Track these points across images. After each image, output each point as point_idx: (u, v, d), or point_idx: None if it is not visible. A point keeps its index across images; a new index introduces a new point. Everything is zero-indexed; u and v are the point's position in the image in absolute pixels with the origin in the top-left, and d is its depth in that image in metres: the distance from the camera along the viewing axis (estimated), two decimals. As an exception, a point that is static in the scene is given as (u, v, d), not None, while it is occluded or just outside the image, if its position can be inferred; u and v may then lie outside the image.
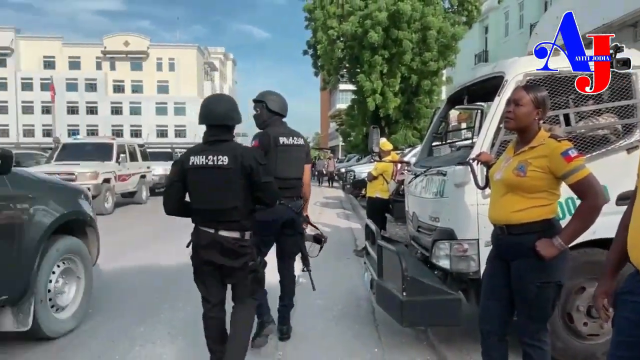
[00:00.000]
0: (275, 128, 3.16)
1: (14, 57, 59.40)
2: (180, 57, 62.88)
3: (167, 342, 3.24)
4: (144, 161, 13.55)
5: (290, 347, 3.19)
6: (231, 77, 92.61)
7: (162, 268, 5.36)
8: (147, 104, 61.19)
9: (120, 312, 3.88)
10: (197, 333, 3.33)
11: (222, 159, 2.40)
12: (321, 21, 21.82)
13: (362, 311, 3.95)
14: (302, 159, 3.23)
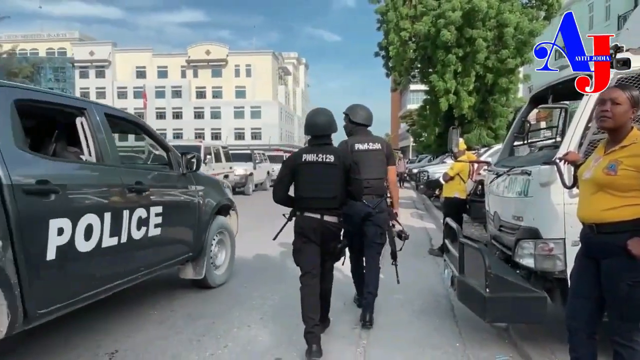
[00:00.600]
0: (357, 137, 3.64)
1: (111, 69, 65.58)
2: (257, 63, 65.54)
3: (260, 326, 3.56)
4: (227, 162, 14.42)
5: (373, 336, 3.37)
6: (303, 81, 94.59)
7: (249, 261, 5.77)
8: (226, 108, 64.52)
9: (218, 297, 4.29)
10: (286, 319, 3.66)
11: (329, 157, 3.01)
12: (394, 23, 21.74)
13: (441, 307, 4.03)
14: (379, 162, 3.59)
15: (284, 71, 76.21)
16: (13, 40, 61.58)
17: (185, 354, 3.04)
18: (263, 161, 19.75)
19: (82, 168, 3.10)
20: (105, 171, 3.15)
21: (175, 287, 4.50)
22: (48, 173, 2.60)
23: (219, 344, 3.19)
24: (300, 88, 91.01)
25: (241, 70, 66.22)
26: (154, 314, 3.76)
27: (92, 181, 3.00)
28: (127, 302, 4.01)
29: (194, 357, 2.98)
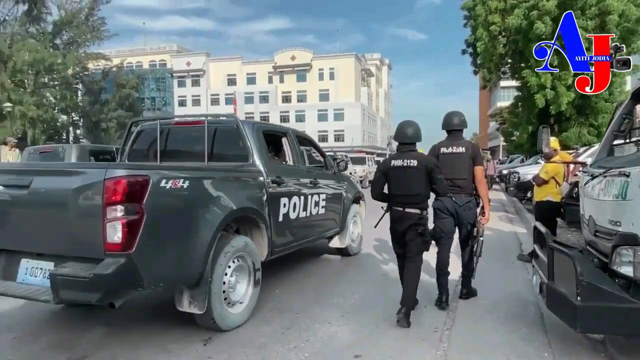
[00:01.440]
0: (444, 141, 4.16)
1: (205, 78, 70.35)
2: (340, 66, 66.34)
3: (341, 323, 3.67)
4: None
5: (455, 340, 3.32)
6: (386, 82, 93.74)
7: (331, 259, 5.93)
8: (310, 112, 66.10)
9: (299, 291, 4.49)
10: (366, 318, 3.74)
11: (413, 162, 3.67)
12: (482, 17, 20.85)
13: (529, 315, 3.85)
14: (463, 163, 4.00)
15: (367, 73, 76.17)
16: (121, 55, 68.68)
17: (271, 344, 3.24)
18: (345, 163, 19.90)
19: (289, 169, 4.76)
20: (299, 171, 4.88)
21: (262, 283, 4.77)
22: (278, 172, 4.33)
23: (301, 338, 3.36)
24: (383, 89, 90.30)
25: (325, 73, 67.45)
26: (243, 306, 4.03)
27: (294, 177, 4.68)
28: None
29: (279, 348, 3.17)
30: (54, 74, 49.83)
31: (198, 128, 4.45)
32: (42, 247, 2.93)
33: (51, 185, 2.89)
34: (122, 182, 2.64)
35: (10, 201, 2.97)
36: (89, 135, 60.46)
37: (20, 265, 2.93)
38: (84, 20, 54.07)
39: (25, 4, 48.30)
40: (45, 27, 52.01)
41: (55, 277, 2.60)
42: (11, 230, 3.01)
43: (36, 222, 2.92)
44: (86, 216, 2.71)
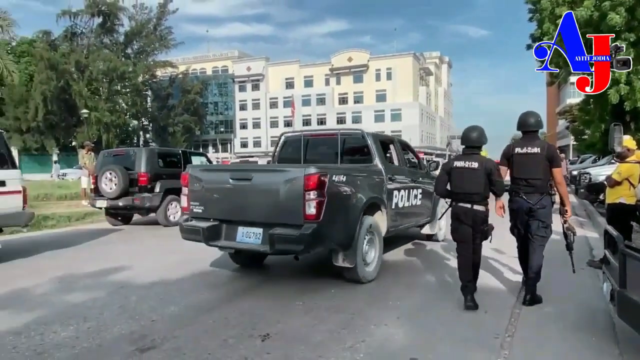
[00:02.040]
0: (519, 141, 4.31)
1: (264, 82, 72.18)
2: (397, 66, 65.48)
3: (397, 325, 3.65)
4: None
5: (517, 348, 3.20)
6: (446, 80, 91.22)
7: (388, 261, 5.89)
8: (367, 113, 65.77)
9: (355, 292, 4.52)
10: (422, 321, 3.70)
11: (474, 164, 4.02)
12: (548, 10, 19.78)
13: (598, 323, 3.62)
14: (537, 163, 4.07)
15: (426, 72, 74.56)
16: (186, 62, 72.07)
17: (327, 343, 3.29)
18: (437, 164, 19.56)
19: (397, 169, 6.05)
20: (403, 170, 6.18)
21: (318, 283, 4.85)
22: (391, 171, 5.66)
23: (357, 338, 3.38)
24: (442, 88, 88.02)
25: (382, 74, 66.86)
26: (300, 305, 4.12)
27: (401, 175, 5.99)
28: (276, 293, 4.48)
29: (335, 347, 3.21)
30: (125, 81, 53.24)
31: (331, 138, 6.18)
32: (255, 219, 4.54)
33: (268, 179, 4.54)
34: (314, 177, 4.16)
35: (237, 189, 4.64)
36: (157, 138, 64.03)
37: (237, 231, 4.64)
38: (152, 30, 57.35)
39: (100, 17, 52.04)
40: (118, 37, 55.67)
41: (273, 235, 4.20)
42: (234, 208, 4.66)
43: (253, 202, 4.51)
44: (292, 198, 4.24)
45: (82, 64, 48.19)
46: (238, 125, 74.37)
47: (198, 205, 4.85)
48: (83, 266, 5.70)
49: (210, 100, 75.29)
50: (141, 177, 9.41)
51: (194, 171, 5.01)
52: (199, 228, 4.68)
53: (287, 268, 5.56)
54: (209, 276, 5.09)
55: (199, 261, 5.89)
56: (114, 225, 10.24)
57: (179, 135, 60.54)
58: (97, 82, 49.81)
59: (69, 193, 14.23)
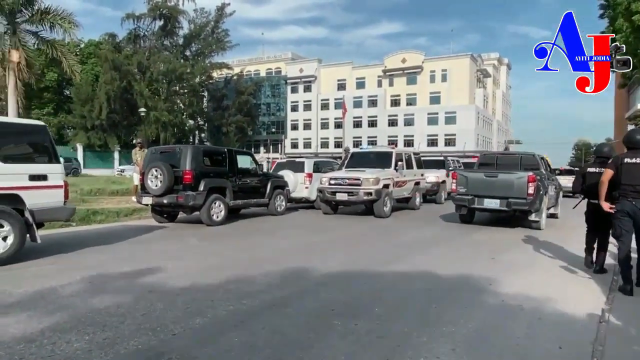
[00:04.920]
0: (627, 153, 4.78)
1: (316, 83, 72.31)
2: (453, 67, 63.29)
3: (452, 358, 3.07)
4: (419, 169, 14.05)
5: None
6: (505, 82, 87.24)
7: (437, 276, 5.27)
8: (420, 115, 64.05)
9: (402, 312, 3.96)
10: (484, 353, 3.09)
11: None
12: (623, 6, 18.14)
13: None
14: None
15: (483, 73, 71.58)
16: (241, 64, 73.59)
17: (367, 376, 2.78)
18: (457, 168, 18.67)
19: (548, 174, 10.70)
20: (548, 175, 10.64)
21: (360, 299, 4.34)
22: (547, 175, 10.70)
23: (403, 373, 2.84)
24: (500, 90, 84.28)
25: (437, 75, 64.90)
26: (338, 325, 3.63)
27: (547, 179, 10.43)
28: (313, 308, 4.02)
29: (376, 383, 2.70)
30: (183, 82, 55.03)
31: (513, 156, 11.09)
32: (496, 194, 9.43)
33: (508, 177, 9.44)
34: (532, 176, 9.11)
35: (487, 180, 9.67)
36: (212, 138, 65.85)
37: (484, 200, 9.55)
38: (210, 32, 59.05)
39: (161, 20, 54.17)
40: (177, 40, 57.72)
41: (510, 202, 9.21)
42: (483, 189, 9.58)
43: (497, 186, 9.49)
44: (520, 185, 9.19)
45: (144, 65, 50.35)
46: (289, 126, 74.98)
47: (462, 188, 9.93)
48: (118, 265, 5.52)
49: (263, 102, 76.49)
50: (186, 175, 9.29)
51: (459, 171, 10.78)
52: (466, 198, 9.81)
53: (327, 276, 5.09)
54: (241, 284, 4.70)
55: (234, 266, 5.55)
56: (159, 222, 10.22)
57: (232, 135, 61.88)
58: (157, 83, 51.86)
59: (121, 189, 14.58)
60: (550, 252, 7.13)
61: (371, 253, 6.73)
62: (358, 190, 11.18)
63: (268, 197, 11.38)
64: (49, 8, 19.98)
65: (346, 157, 13.62)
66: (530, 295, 4.51)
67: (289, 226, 10.02)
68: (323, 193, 11.74)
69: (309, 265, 5.59)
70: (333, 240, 7.99)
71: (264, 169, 11.47)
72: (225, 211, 9.92)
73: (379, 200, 11.15)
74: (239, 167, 10.68)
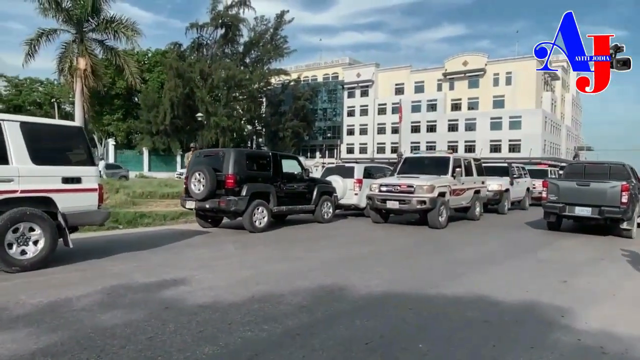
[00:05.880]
0: None
1: (373, 88, 71.43)
2: (518, 70, 59.90)
3: None
4: (479, 176, 12.99)
5: None
6: (575, 86, 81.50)
7: (497, 304, 4.47)
8: (482, 120, 61.14)
9: (445, 356, 3.24)
10: None
11: None
12: None
13: None
14: None
15: (551, 76, 67.18)
16: (299, 70, 74.32)
17: None
18: (522, 176, 17.22)
19: None
20: None
21: (395, 332, 3.67)
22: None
23: None
24: (570, 94, 78.79)
25: (500, 78, 61.71)
26: (371, 363, 3.01)
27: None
28: (343, 338, 3.41)
29: None
30: (242, 88, 56.31)
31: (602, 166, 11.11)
32: (588, 202, 9.59)
33: (601, 186, 9.58)
34: (626, 186, 9.40)
35: (578, 189, 9.85)
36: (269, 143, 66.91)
37: (575, 208, 9.80)
38: (269, 40, 60.12)
39: (223, 28, 55.83)
40: (237, 47, 59.26)
41: (604, 210, 9.40)
42: (575, 198, 9.82)
43: (588, 195, 9.63)
44: (614, 194, 9.33)
45: (205, 72, 52.06)
46: (345, 131, 74.57)
47: (553, 196, 10.13)
48: (144, 274, 5.23)
49: (319, 107, 76.75)
50: (228, 179, 9.01)
51: (551, 179, 10.92)
52: (557, 205, 10.00)
53: (366, 299, 4.45)
54: (268, 303, 4.19)
55: (266, 280, 5.06)
56: (203, 227, 10.04)
57: (288, 140, 62.51)
58: (218, 89, 53.40)
59: (172, 192, 14.72)
60: (634, 274, 6.03)
61: (420, 271, 5.98)
62: (411, 199, 10.39)
63: (314, 203, 10.89)
64: (114, 17, 20.87)
65: (399, 163, 12.83)
66: (613, 334, 3.64)
67: (334, 235, 9.44)
68: (372, 200, 11.06)
69: (347, 284, 4.98)
70: (379, 254, 7.30)
71: (310, 173, 10.97)
72: (268, 217, 9.54)
73: (433, 209, 10.30)
74: (284, 171, 10.29)
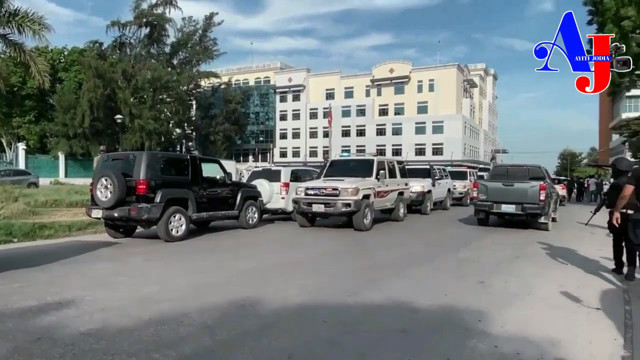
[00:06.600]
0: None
1: (305, 92, 71.65)
2: (440, 77, 63.17)
3: None
4: (403, 178, 13.18)
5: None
6: (491, 93, 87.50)
7: (415, 310, 4.33)
8: (408, 124, 63.68)
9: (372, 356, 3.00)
10: None
11: None
12: (612, 11, 17.73)
13: None
14: None
15: (470, 83, 71.52)
16: (230, 73, 72.75)
17: None
18: (444, 177, 17.87)
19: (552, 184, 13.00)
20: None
21: (304, 350, 3.37)
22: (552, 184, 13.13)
23: None
24: (487, 101, 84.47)
25: (424, 85, 64.66)
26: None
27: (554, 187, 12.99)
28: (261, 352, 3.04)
29: None
30: (169, 90, 53.97)
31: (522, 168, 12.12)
32: (512, 200, 10.84)
33: (523, 186, 10.86)
34: (543, 185, 10.76)
35: (504, 189, 11.05)
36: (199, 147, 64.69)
37: (502, 206, 11.01)
38: (197, 41, 58.25)
39: (147, 28, 53.24)
40: (163, 48, 56.82)
41: (526, 207, 10.68)
42: (501, 196, 11.02)
43: (512, 194, 10.87)
44: (534, 192, 10.64)
45: (129, 73, 49.25)
46: (278, 135, 74.13)
47: (483, 195, 11.29)
48: (25, 297, 4.50)
49: (251, 111, 75.67)
50: (139, 185, 8.28)
51: (480, 180, 13.01)
52: (487, 204, 11.17)
53: (279, 312, 4.11)
54: (166, 325, 3.69)
55: (171, 297, 4.54)
56: (114, 237, 9.18)
57: (220, 144, 60.89)
58: (143, 91, 50.69)
59: (81, 200, 13.44)
60: (545, 273, 6.24)
61: (340, 277, 5.74)
62: (336, 201, 10.23)
63: (238, 208, 10.38)
64: (18, 9, 18.95)
65: (325, 166, 12.68)
66: (529, 338, 3.58)
67: (258, 242, 9.02)
68: (298, 204, 10.78)
69: (262, 296, 4.61)
70: (301, 261, 7.00)
71: (242, 177, 10.47)
72: (186, 225, 8.91)
73: (358, 212, 10.21)
74: (205, 176, 9.70)
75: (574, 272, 6.33)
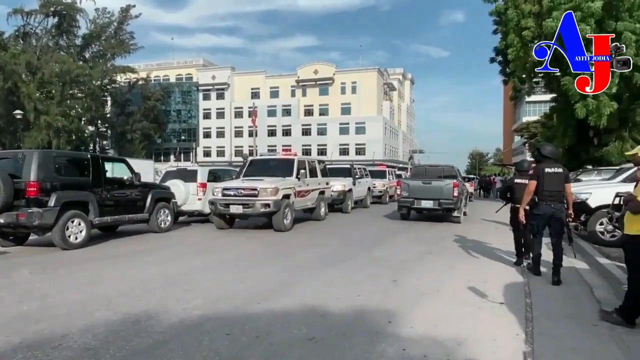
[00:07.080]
0: (545, 163, 5.65)
1: (230, 91, 70.02)
2: (362, 80, 65.04)
3: None
4: (324, 177, 13.15)
5: None
6: (409, 96, 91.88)
7: (326, 315, 4.17)
8: (332, 125, 64.81)
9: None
10: None
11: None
12: (513, 22, 19.19)
13: None
14: (561, 180, 5.59)
15: (389, 87, 74.46)
16: (149, 68, 69.08)
17: None
18: (364, 176, 18.20)
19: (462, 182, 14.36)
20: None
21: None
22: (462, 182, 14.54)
23: None
24: (405, 103, 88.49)
25: (347, 87, 66.16)
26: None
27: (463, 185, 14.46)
28: None
29: None
30: (80, 85, 50.03)
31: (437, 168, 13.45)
32: (430, 197, 12.11)
33: (439, 184, 12.16)
34: (456, 183, 12.02)
35: (424, 187, 12.27)
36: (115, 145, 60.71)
37: (422, 202, 12.31)
38: (112, 34, 54.64)
39: (55, 18, 48.95)
40: (74, 40, 52.65)
41: (442, 202, 12.03)
42: (421, 193, 12.26)
43: (431, 191, 12.15)
44: (448, 189, 11.94)
45: (34, 65, 44.92)
46: (202, 133, 71.75)
47: (405, 192, 12.43)
48: None
49: (173, 108, 72.66)
50: (30, 187, 7.36)
51: (404, 179, 13.65)
52: (409, 200, 12.33)
53: (177, 328, 3.74)
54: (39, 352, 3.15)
55: (51, 315, 3.98)
56: (2, 246, 8.14)
57: (138, 143, 57.70)
58: (50, 85, 46.43)
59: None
60: (456, 267, 6.43)
61: (253, 282, 5.42)
62: (254, 202, 9.89)
63: (148, 211, 9.67)
64: None
65: (244, 165, 12.27)
66: (436, 338, 3.55)
67: (168, 246, 8.42)
68: (215, 205, 10.28)
69: (161, 309, 4.19)
70: (211, 266, 6.57)
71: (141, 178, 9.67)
72: (87, 231, 8.10)
73: (278, 212, 9.96)
74: (109, 177, 8.91)
75: (481, 266, 6.59)
